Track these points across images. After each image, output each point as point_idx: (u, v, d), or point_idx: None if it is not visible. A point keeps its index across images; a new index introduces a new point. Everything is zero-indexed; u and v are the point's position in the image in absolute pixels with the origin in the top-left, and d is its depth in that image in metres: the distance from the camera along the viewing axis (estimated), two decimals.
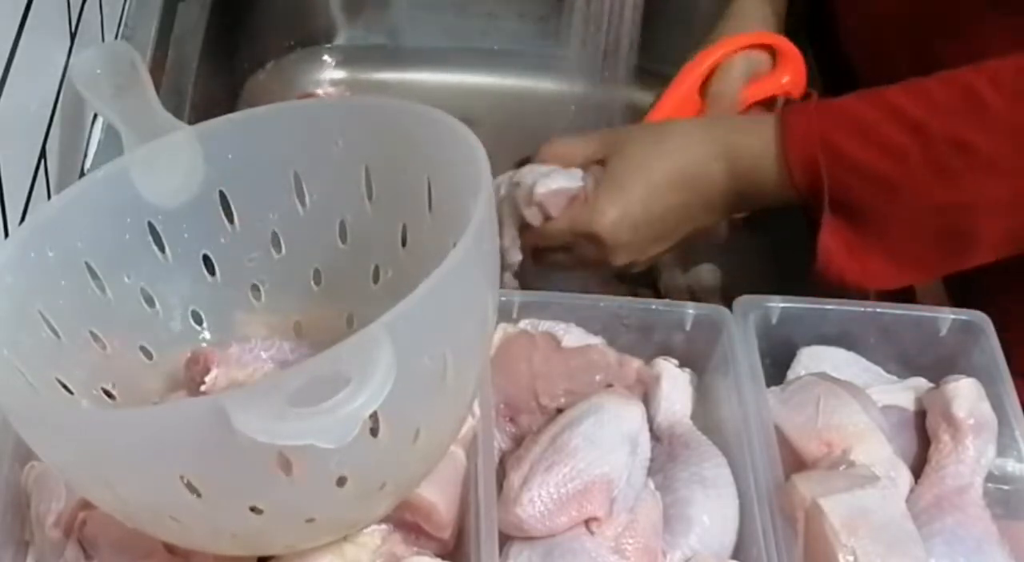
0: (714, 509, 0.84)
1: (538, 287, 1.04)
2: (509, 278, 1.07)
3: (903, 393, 0.93)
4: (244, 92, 1.47)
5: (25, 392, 0.75)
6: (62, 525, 0.78)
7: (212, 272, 0.88)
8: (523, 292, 0.95)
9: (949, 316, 0.95)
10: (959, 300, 1.02)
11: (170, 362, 0.86)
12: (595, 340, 0.93)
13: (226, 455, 0.64)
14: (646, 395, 0.91)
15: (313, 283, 0.89)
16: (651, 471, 0.86)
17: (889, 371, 0.96)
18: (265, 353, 0.85)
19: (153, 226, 0.86)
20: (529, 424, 0.89)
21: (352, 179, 0.85)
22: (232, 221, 0.87)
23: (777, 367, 0.94)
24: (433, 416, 0.72)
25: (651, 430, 0.88)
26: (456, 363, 0.69)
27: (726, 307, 0.93)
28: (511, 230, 1.06)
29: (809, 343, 0.95)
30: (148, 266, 0.86)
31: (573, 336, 0.92)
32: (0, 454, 0.80)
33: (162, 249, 0.86)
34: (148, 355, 0.86)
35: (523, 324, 0.92)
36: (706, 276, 1.23)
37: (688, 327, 0.93)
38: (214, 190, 0.87)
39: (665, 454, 0.88)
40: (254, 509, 0.68)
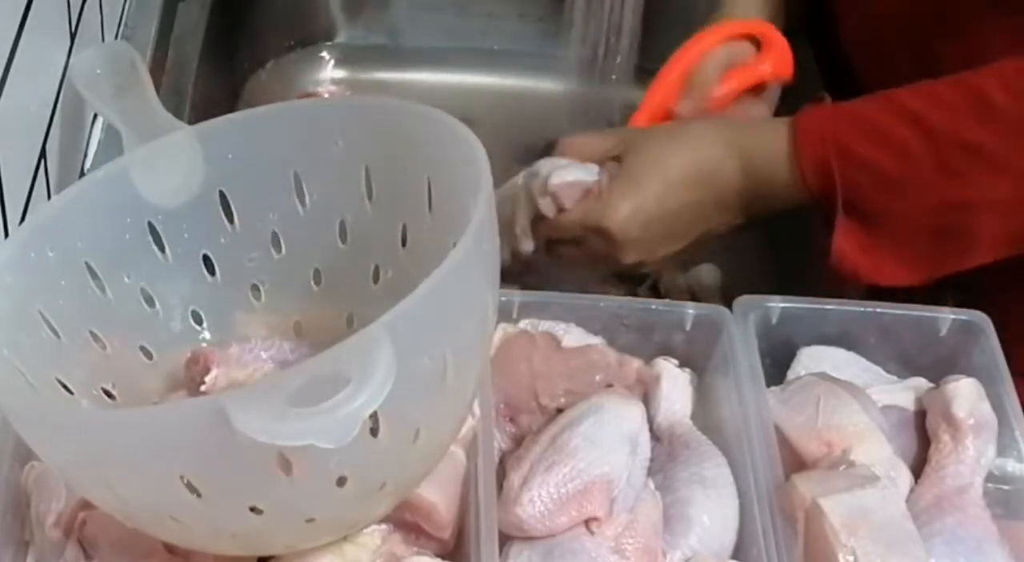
0: (714, 509, 0.84)
1: (538, 287, 1.04)
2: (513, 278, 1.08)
3: (903, 393, 0.93)
4: (244, 92, 1.47)
5: (25, 392, 0.75)
6: (62, 525, 0.78)
7: (212, 272, 0.88)
8: (523, 292, 0.95)
9: (949, 316, 0.95)
10: (959, 300, 1.01)
11: (170, 362, 0.86)
12: (595, 340, 0.92)
13: (226, 455, 0.64)
14: (646, 395, 0.91)
15: (313, 283, 0.89)
16: (651, 471, 0.86)
17: (889, 371, 0.96)
18: (265, 353, 0.85)
19: (153, 226, 0.86)
20: (529, 424, 0.89)
21: (352, 179, 0.85)
22: (232, 221, 0.87)
23: (777, 367, 0.94)
24: (433, 416, 0.72)
25: (651, 430, 0.88)
26: (456, 363, 0.69)
27: (726, 307, 0.93)
28: (524, 219, 1.06)
29: (809, 343, 0.95)
30: (148, 266, 0.86)
31: (573, 336, 0.92)
32: (0, 454, 0.80)
33: (162, 249, 0.86)
34: (148, 355, 0.86)
35: (523, 324, 0.92)
36: (706, 276, 1.23)
37: (688, 327, 0.93)
38: (214, 190, 0.87)
39: (665, 454, 0.88)
40: (254, 509, 0.68)
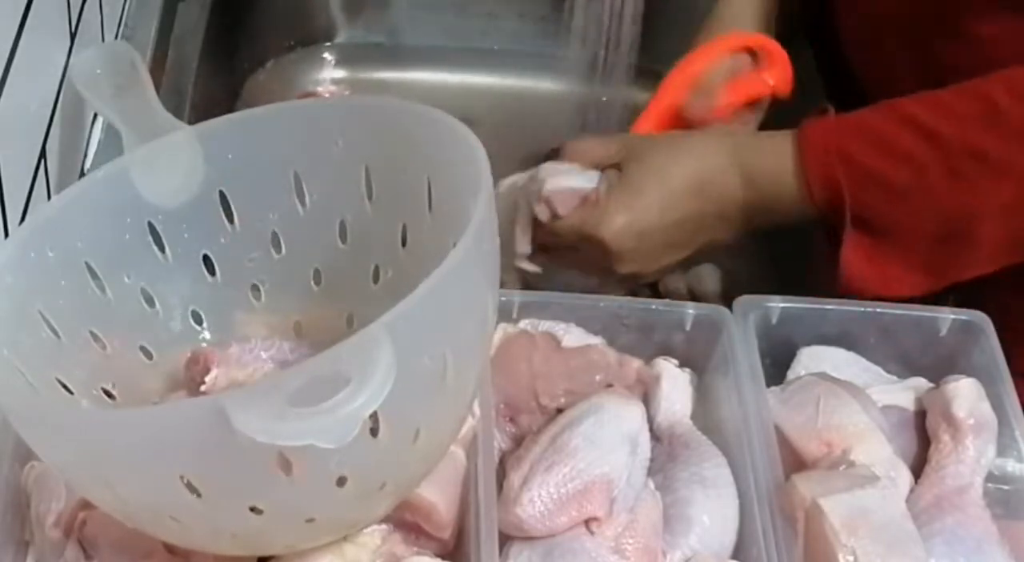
0: (714, 509, 0.84)
1: (538, 287, 1.04)
2: (514, 280, 1.07)
3: (903, 393, 0.93)
4: (244, 92, 1.47)
5: (25, 392, 0.75)
6: (62, 525, 0.78)
7: (212, 272, 0.88)
8: (523, 292, 0.95)
9: (949, 316, 0.95)
10: (959, 300, 1.01)
11: (170, 362, 0.86)
12: (595, 340, 0.92)
13: (226, 455, 0.64)
14: (646, 395, 0.91)
15: (313, 283, 0.89)
16: (651, 471, 0.86)
17: (889, 371, 0.96)
18: (265, 353, 0.85)
19: (153, 226, 0.86)
20: (529, 424, 0.89)
21: (352, 179, 0.85)
22: (232, 221, 0.87)
23: (777, 367, 0.94)
24: (433, 416, 0.72)
25: (651, 430, 0.88)
26: (456, 363, 0.69)
27: (726, 307, 0.93)
28: (524, 222, 1.06)
29: (809, 343, 0.95)
30: (148, 266, 0.86)
31: (573, 336, 0.92)
32: (0, 454, 0.80)
33: (162, 249, 0.86)
34: (148, 355, 0.86)
35: (523, 324, 0.92)
36: (706, 276, 1.23)
37: (688, 327, 0.93)
38: (214, 190, 0.87)
39: (665, 454, 0.88)
40: (254, 509, 0.68)
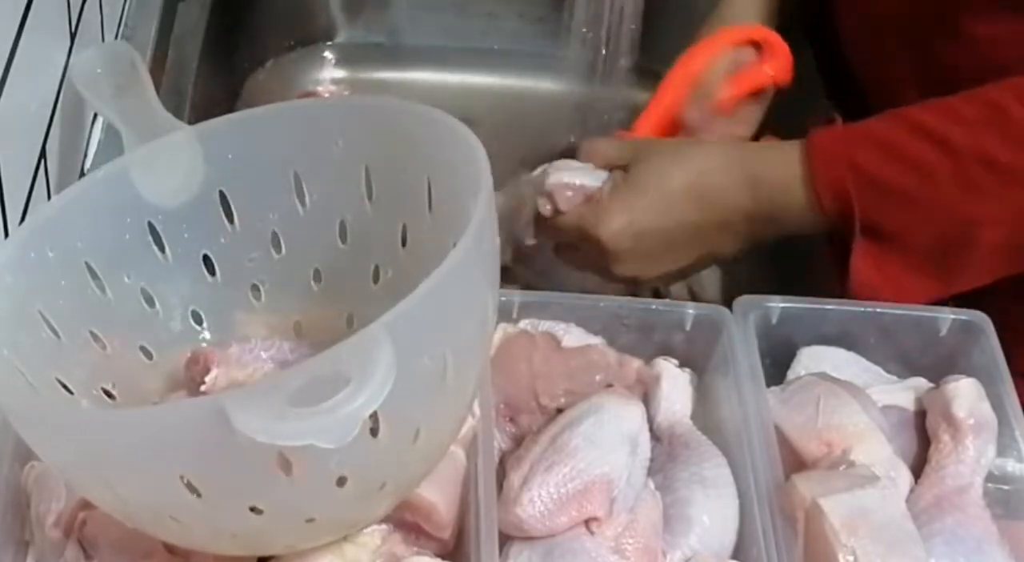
0: (714, 509, 0.84)
1: (538, 287, 1.04)
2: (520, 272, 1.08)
3: (903, 393, 0.93)
4: (244, 92, 1.47)
5: (25, 392, 0.75)
6: (62, 525, 0.78)
7: (212, 272, 0.88)
8: (523, 292, 0.95)
9: (949, 316, 0.94)
10: (959, 300, 1.01)
11: (170, 362, 0.86)
12: (595, 340, 0.92)
13: (226, 455, 0.64)
14: (646, 395, 0.91)
15: (313, 283, 0.89)
16: (651, 471, 0.86)
17: (889, 371, 0.96)
18: (265, 353, 0.85)
19: (153, 226, 0.86)
20: (529, 424, 0.89)
21: (352, 179, 0.85)
22: (232, 221, 0.87)
23: (777, 367, 0.94)
24: (433, 416, 0.72)
25: (651, 430, 0.88)
26: (456, 363, 0.69)
27: (726, 307, 0.93)
28: (528, 213, 1.07)
29: (809, 343, 0.95)
30: (148, 266, 0.86)
31: (573, 336, 0.92)
32: (0, 454, 0.80)
33: (162, 249, 0.86)
34: (148, 355, 0.86)
35: (523, 324, 0.92)
36: (706, 276, 1.23)
37: (688, 327, 0.93)
38: (214, 190, 0.87)
39: (665, 454, 0.88)
40: (254, 509, 0.68)
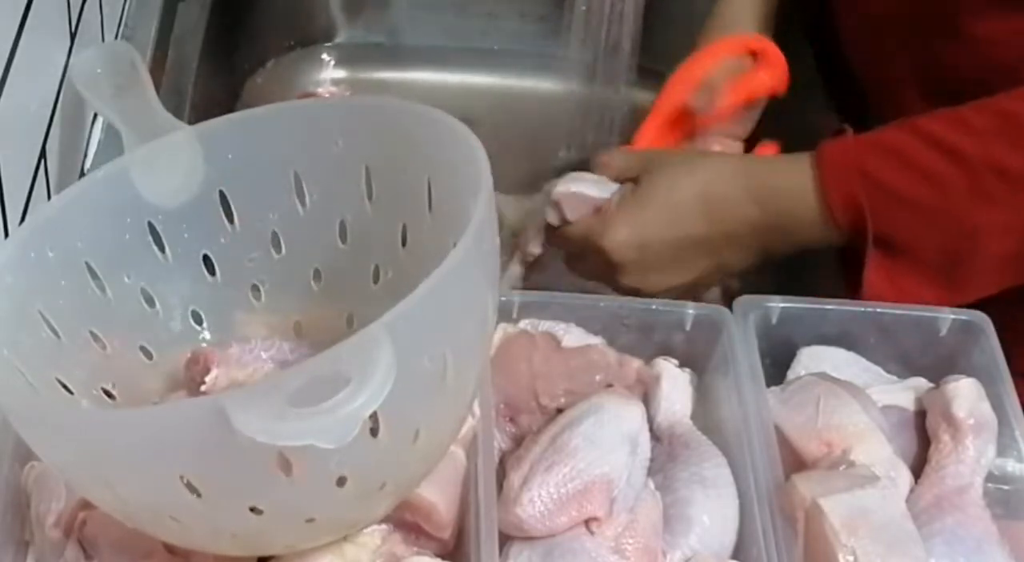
0: (714, 509, 0.84)
1: (538, 287, 1.04)
2: (515, 277, 1.08)
3: (903, 393, 0.93)
4: (244, 92, 1.47)
5: (25, 392, 0.75)
6: (62, 525, 0.78)
7: (212, 272, 0.88)
8: (523, 292, 0.95)
9: (949, 316, 0.94)
10: None
11: (170, 362, 0.86)
12: (595, 340, 0.92)
13: (226, 455, 0.64)
14: (646, 395, 0.91)
15: (313, 283, 0.89)
16: (651, 471, 0.86)
17: (889, 371, 0.95)
18: (265, 353, 0.85)
19: (153, 226, 0.86)
20: (529, 424, 0.89)
21: (352, 179, 0.85)
22: (232, 221, 0.87)
23: (777, 367, 0.94)
24: (433, 416, 0.72)
25: (651, 430, 0.88)
26: (456, 363, 0.69)
27: (726, 307, 0.93)
28: (538, 222, 1.08)
29: (809, 343, 0.95)
30: (148, 266, 0.86)
31: (573, 336, 0.92)
32: (0, 454, 0.80)
33: (162, 249, 0.86)
34: (148, 355, 0.86)
35: (523, 324, 0.92)
36: None
37: (688, 327, 0.93)
38: (214, 190, 0.87)
39: (665, 454, 0.88)
40: (254, 509, 0.68)
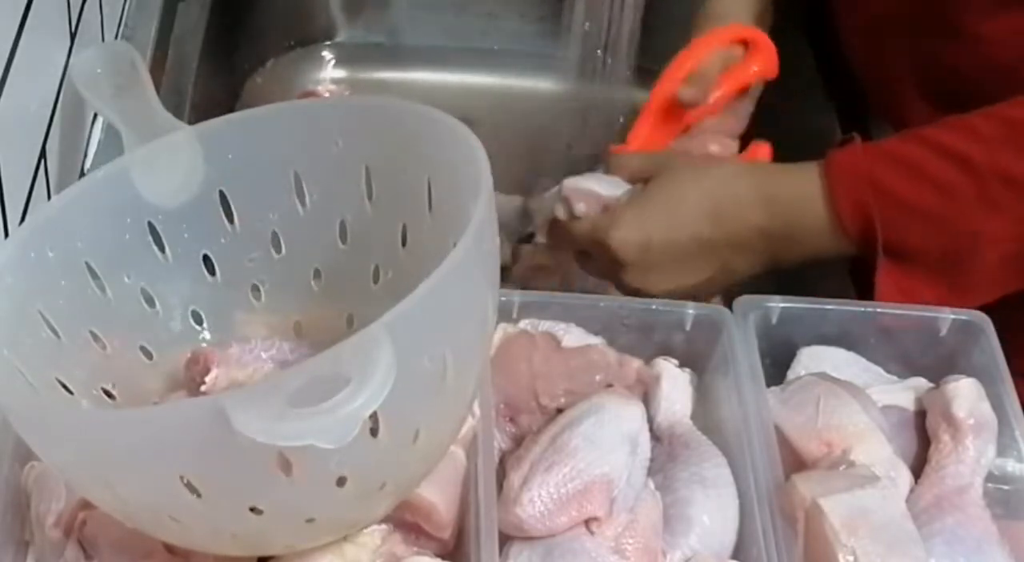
0: (714, 509, 0.84)
1: (538, 287, 1.05)
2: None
3: (903, 393, 0.93)
4: (244, 92, 1.47)
5: (25, 392, 0.75)
6: (62, 525, 0.78)
7: (212, 272, 0.88)
8: (523, 292, 0.95)
9: (949, 316, 0.94)
10: None
11: (170, 362, 0.86)
12: (595, 340, 0.92)
13: (226, 455, 0.64)
14: (646, 395, 0.91)
15: (313, 283, 0.89)
16: (651, 471, 0.86)
17: (889, 371, 0.95)
18: (265, 353, 0.85)
19: (153, 226, 0.86)
20: (529, 424, 0.89)
21: (352, 179, 0.85)
22: (232, 221, 0.87)
23: (777, 367, 0.94)
24: (433, 416, 0.72)
25: (651, 430, 0.88)
26: (456, 363, 0.69)
27: (726, 307, 0.93)
28: (546, 216, 1.09)
29: (809, 343, 0.95)
30: (148, 266, 0.86)
31: (573, 336, 0.92)
32: (0, 454, 0.80)
33: (162, 249, 0.86)
34: (148, 355, 0.86)
35: (523, 324, 0.92)
36: None
37: (688, 327, 0.93)
38: (214, 190, 0.87)
39: (665, 454, 0.88)
40: (254, 509, 0.68)
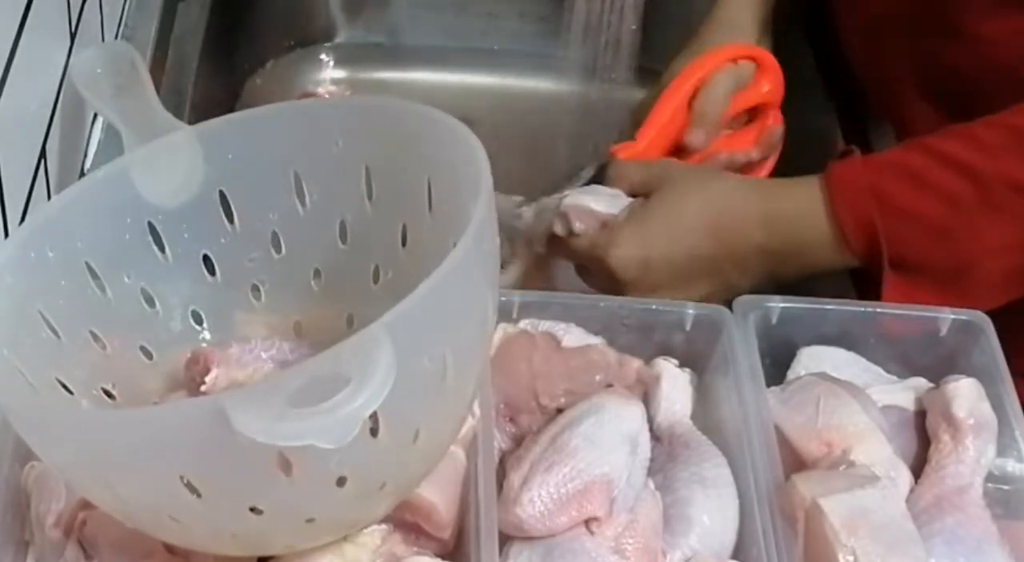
0: (714, 509, 0.84)
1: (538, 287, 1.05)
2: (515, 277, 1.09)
3: (903, 393, 0.93)
4: (244, 92, 1.47)
5: (25, 392, 0.75)
6: (62, 525, 0.78)
7: (212, 272, 0.88)
8: (523, 292, 0.95)
9: (949, 316, 0.94)
10: None
11: (170, 362, 0.86)
12: (595, 340, 0.92)
13: (226, 455, 0.64)
14: (646, 395, 0.91)
15: (313, 283, 0.89)
16: (651, 471, 0.86)
17: (889, 371, 0.95)
18: (265, 353, 0.85)
19: (153, 226, 0.86)
20: (529, 424, 0.89)
21: (352, 179, 0.85)
22: (232, 221, 0.87)
23: (777, 367, 0.94)
24: (433, 416, 0.72)
25: (651, 430, 0.88)
26: (456, 363, 0.69)
27: (726, 307, 0.93)
28: (544, 228, 1.08)
29: (809, 343, 0.95)
30: (148, 266, 0.86)
31: (573, 336, 0.92)
32: (0, 454, 0.80)
33: (162, 249, 0.86)
34: (148, 355, 0.86)
35: (523, 324, 0.92)
36: None
37: (688, 327, 0.93)
38: (214, 190, 0.87)
39: (665, 454, 0.88)
40: (254, 509, 0.68)
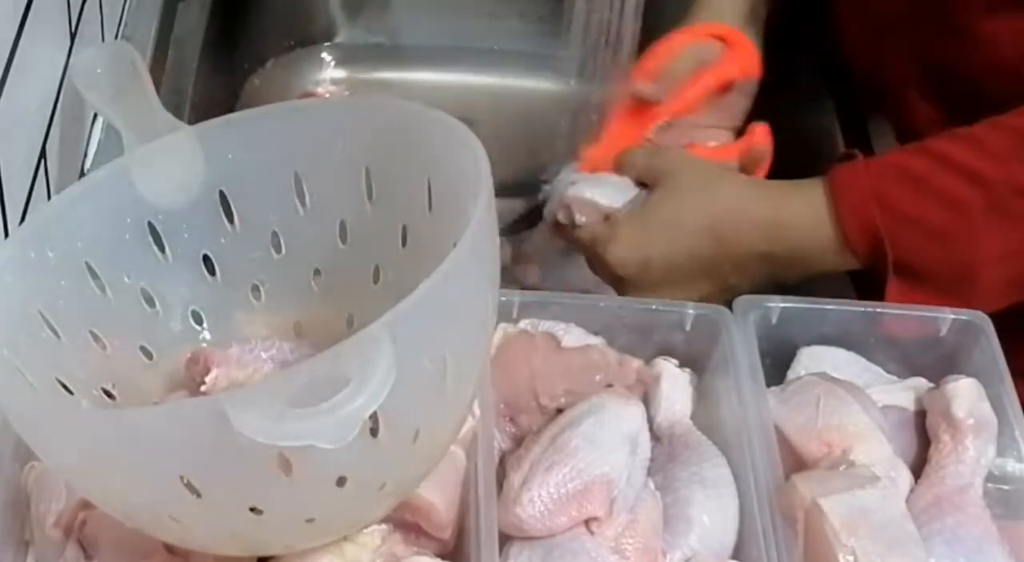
0: (714, 509, 0.84)
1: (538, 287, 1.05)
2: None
3: (903, 393, 0.93)
4: (244, 92, 1.47)
5: (25, 392, 0.75)
6: (62, 525, 0.78)
7: (212, 272, 0.88)
8: (523, 292, 0.95)
9: (949, 316, 0.94)
10: None
11: (170, 362, 0.86)
12: (595, 340, 0.92)
13: (226, 455, 0.64)
14: (646, 395, 0.91)
15: (313, 283, 0.89)
16: (651, 471, 0.86)
17: (889, 371, 0.95)
18: (265, 353, 0.85)
19: (153, 226, 0.86)
20: (529, 424, 0.89)
21: (352, 179, 0.85)
22: (232, 221, 0.87)
23: (777, 367, 0.94)
24: (433, 416, 0.72)
25: (651, 430, 0.88)
26: (456, 363, 0.69)
27: (726, 307, 0.93)
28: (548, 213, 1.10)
29: (809, 343, 0.95)
30: (148, 266, 0.86)
31: (573, 336, 0.92)
32: (0, 454, 0.80)
33: (162, 249, 0.86)
34: (148, 355, 0.86)
35: (523, 324, 0.92)
36: None
37: (688, 327, 0.93)
38: (214, 190, 0.87)
39: (665, 454, 0.88)
40: (254, 509, 0.68)
